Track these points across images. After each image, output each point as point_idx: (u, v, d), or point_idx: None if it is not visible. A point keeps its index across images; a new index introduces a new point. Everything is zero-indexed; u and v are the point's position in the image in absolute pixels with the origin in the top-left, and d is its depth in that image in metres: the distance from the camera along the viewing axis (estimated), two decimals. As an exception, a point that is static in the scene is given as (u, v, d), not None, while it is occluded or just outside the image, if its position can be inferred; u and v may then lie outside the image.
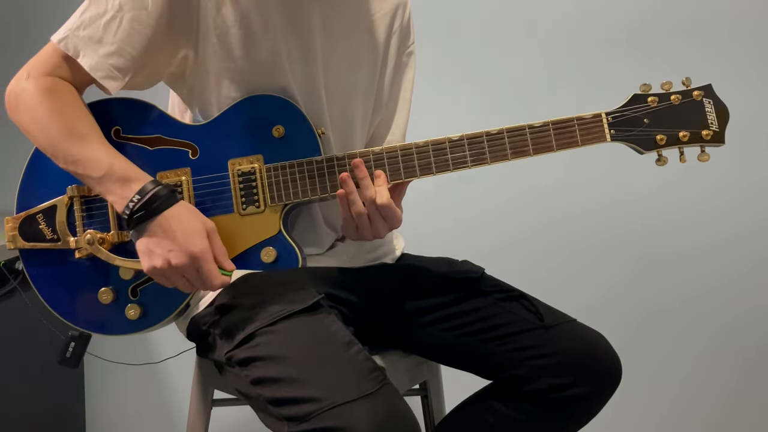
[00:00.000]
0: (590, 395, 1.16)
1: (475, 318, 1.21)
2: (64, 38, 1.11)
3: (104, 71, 1.10)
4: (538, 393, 1.16)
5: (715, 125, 1.13)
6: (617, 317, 1.99)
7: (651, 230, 2.02)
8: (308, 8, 1.17)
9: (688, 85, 1.14)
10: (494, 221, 2.04)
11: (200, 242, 1.04)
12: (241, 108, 1.15)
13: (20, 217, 1.17)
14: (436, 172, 1.13)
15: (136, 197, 1.04)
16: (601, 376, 1.16)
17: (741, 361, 1.99)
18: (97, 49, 1.10)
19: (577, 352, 1.16)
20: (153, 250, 1.04)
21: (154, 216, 1.04)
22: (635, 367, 1.90)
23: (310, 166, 1.13)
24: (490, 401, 1.22)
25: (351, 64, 1.24)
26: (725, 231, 1.98)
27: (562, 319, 1.21)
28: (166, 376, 2.23)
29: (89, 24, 1.11)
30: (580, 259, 2.04)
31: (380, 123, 1.35)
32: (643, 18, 1.99)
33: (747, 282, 1.97)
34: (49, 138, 1.09)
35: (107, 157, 1.07)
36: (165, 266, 1.04)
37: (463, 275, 1.27)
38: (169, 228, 1.04)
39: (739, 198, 1.96)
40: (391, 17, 1.30)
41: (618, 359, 1.19)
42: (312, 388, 0.95)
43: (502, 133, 1.12)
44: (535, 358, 1.16)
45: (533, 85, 2.03)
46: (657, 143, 1.12)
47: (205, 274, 1.04)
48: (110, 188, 1.06)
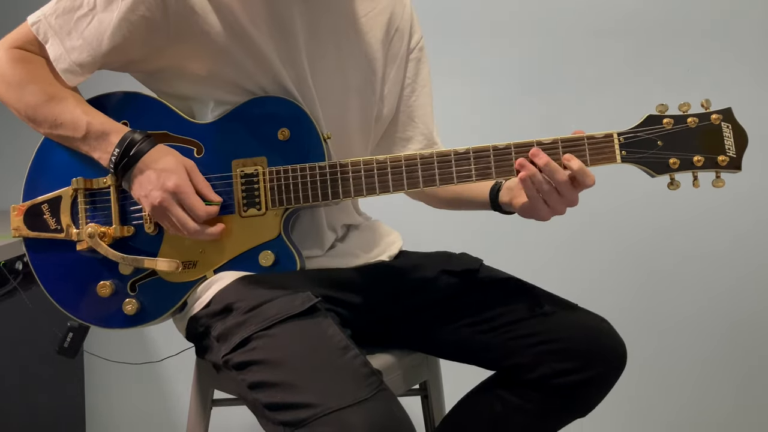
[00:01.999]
0: (595, 380, 1.15)
1: (475, 309, 1.21)
2: (37, 22, 1.15)
3: (65, 64, 1.14)
4: (542, 380, 1.15)
5: (732, 151, 1.09)
6: (620, 319, 1.97)
7: (657, 234, 2.00)
8: (290, 10, 1.16)
9: (707, 108, 1.10)
10: (493, 220, 2.02)
11: (174, 177, 1.08)
12: (247, 109, 1.15)
13: (25, 205, 1.18)
14: (440, 184, 1.11)
15: (116, 150, 1.09)
16: (605, 360, 1.15)
17: (748, 365, 1.97)
18: (64, 40, 1.13)
19: (579, 337, 1.15)
20: (140, 194, 1.10)
21: (135, 162, 1.09)
22: (644, 371, 1.90)
23: (314, 171, 1.12)
24: (495, 391, 1.21)
25: (341, 66, 1.22)
26: (731, 234, 1.96)
27: (562, 306, 1.20)
28: (166, 376, 2.25)
29: (63, 14, 1.13)
30: (581, 257, 2.03)
31: (402, 123, 1.34)
32: (644, 17, 1.96)
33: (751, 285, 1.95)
34: (27, 104, 1.13)
35: (85, 115, 1.12)
36: (153, 209, 1.09)
37: (462, 267, 1.26)
38: (147, 169, 1.09)
39: (745, 200, 1.93)
40: (387, 16, 1.28)
41: (622, 343, 1.17)
42: (308, 394, 0.94)
43: (510, 148, 1.10)
44: (537, 344, 1.15)
45: (534, 85, 2.01)
46: (670, 167, 1.09)
47: (189, 207, 1.08)
48: (93, 145, 1.11)
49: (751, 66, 1.91)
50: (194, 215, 1.09)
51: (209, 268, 1.14)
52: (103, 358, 1.46)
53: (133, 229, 1.15)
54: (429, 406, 1.37)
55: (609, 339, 1.17)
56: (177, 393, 2.24)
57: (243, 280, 1.13)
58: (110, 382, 2.25)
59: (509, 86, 2.03)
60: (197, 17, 1.11)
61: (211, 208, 1.10)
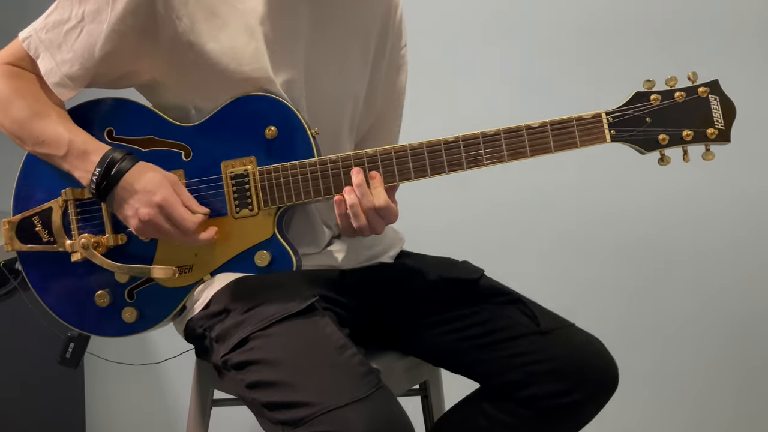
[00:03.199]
0: (585, 402, 1.15)
1: (471, 322, 1.20)
2: (28, 37, 1.14)
3: (56, 78, 1.13)
4: (532, 399, 1.15)
5: (721, 123, 1.09)
6: (620, 321, 1.97)
7: (657, 234, 1.97)
8: (297, 9, 1.14)
9: (694, 81, 1.09)
10: (495, 220, 2.01)
11: (160, 191, 1.06)
12: (233, 108, 1.13)
13: (16, 219, 1.18)
14: (431, 174, 1.10)
15: (97, 170, 1.07)
16: (595, 383, 1.15)
17: (747, 368, 1.96)
18: (55, 54, 1.12)
19: (572, 358, 1.14)
20: (126, 213, 1.08)
21: (116, 182, 1.08)
22: (639, 373, 1.89)
23: (304, 168, 1.11)
24: (482, 404, 1.20)
25: (340, 68, 1.21)
26: (732, 234, 1.93)
27: (558, 324, 1.19)
28: (166, 377, 2.25)
29: (52, 28, 1.12)
30: (582, 262, 2.00)
31: (373, 126, 1.33)
32: (644, 15, 1.93)
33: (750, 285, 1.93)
34: (13, 120, 1.13)
35: (67, 133, 1.11)
36: (140, 225, 1.08)
37: (462, 276, 1.25)
38: (132, 188, 1.07)
39: (745, 201, 1.91)
40: (384, 18, 1.27)
41: (614, 365, 1.17)
42: (306, 393, 0.95)
43: (499, 134, 1.09)
44: (531, 364, 1.15)
45: (533, 85, 1.98)
46: (659, 143, 1.09)
47: (177, 219, 1.07)
48: (74, 164, 1.10)
49: (755, 65, 1.88)
50: (184, 227, 1.08)
51: (206, 272, 1.14)
52: (104, 359, 1.45)
53: (126, 237, 1.15)
54: (429, 406, 1.37)
55: (602, 361, 1.16)
56: (177, 393, 2.24)
57: (240, 281, 1.13)
58: (110, 382, 2.25)
59: (508, 86, 2.00)
60: (185, 26, 1.10)
61: (199, 217, 1.09)
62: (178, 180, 1.11)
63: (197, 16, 1.10)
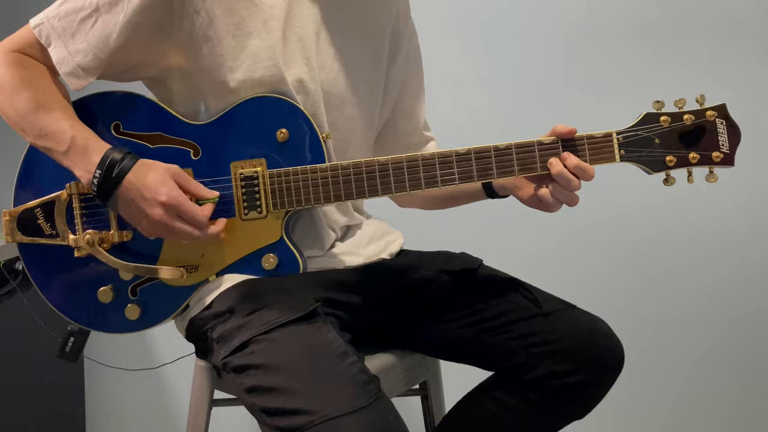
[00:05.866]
0: (592, 381, 1.16)
1: (473, 309, 1.21)
2: (40, 24, 1.11)
3: (69, 67, 1.10)
4: (539, 380, 1.16)
5: (726, 147, 1.11)
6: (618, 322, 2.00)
7: (656, 234, 1.99)
8: (306, 8, 1.14)
9: (702, 103, 1.11)
10: (493, 222, 2.02)
11: (165, 190, 1.05)
12: (244, 109, 1.13)
13: (18, 210, 1.16)
14: (441, 185, 1.11)
15: (98, 172, 1.05)
16: (602, 361, 1.16)
17: (739, 366, 2.00)
18: (68, 43, 1.10)
19: (577, 338, 1.16)
20: (135, 216, 1.07)
21: (117, 185, 1.05)
22: (638, 372, 1.91)
23: (315, 173, 1.11)
24: (493, 392, 1.22)
25: (354, 66, 1.21)
26: (727, 238, 1.96)
27: (561, 306, 1.21)
28: (166, 378, 2.23)
29: (65, 16, 1.10)
30: (579, 258, 2.02)
31: (399, 116, 1.35)
32: (645, 15, 1.94)
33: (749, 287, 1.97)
34: (17, 110, 1.10)
35: (70, 129, 1.08)
36: (152, 227, 1.06)
37: (461, 266, 1.26)
38: (135, 190, 1.05)
39: (742, 204, 1.93)
40: (395, 18, 1.28)
41: (620, 344, 1.18)
42: (305, 400, 0.94)
43: (511, 148, 1.10)
44: (535, 345, 1.16)
45: (533, 85, 1.98)
46: (666, 164, 1.11)
47: (189, 215, 1.06)
48: (75, 161, 1.08)
49: (755, 65, 1.89)
50: (195, 223, 1.07)
51: (211, 272, 1.14)
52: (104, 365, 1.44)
53: (131, 234, 1.14)
54: (429, 406, 1.38)
55: (607, 340, 1.18)
56: (177, 394, 2.23)
57: (245, 283, 1.13)
58: (110, 382, 2.22)
59: (510, 89, 2.00)
60: (203, 21, 1.08)
61: (208, 208, 1.08)
62: (179, 170, 1.09)
63: (215, 11, 1.09)
